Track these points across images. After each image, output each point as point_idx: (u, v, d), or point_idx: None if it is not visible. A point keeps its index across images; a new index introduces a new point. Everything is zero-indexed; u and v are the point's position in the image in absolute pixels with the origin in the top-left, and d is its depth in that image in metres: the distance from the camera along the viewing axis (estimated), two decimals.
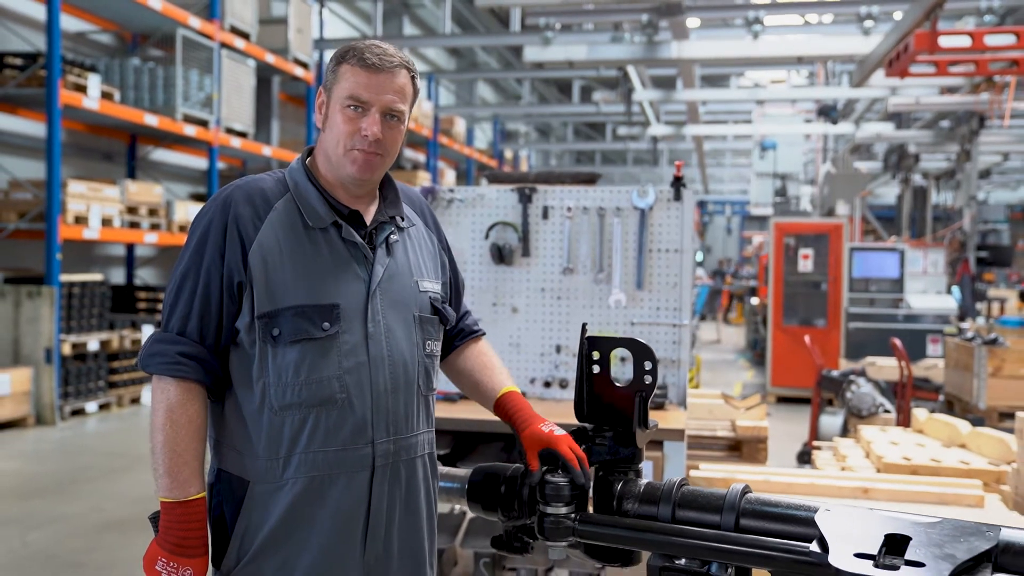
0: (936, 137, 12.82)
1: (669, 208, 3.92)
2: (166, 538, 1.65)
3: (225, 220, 1.71)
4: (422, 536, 1.88)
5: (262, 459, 1.72)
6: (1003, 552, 1.46)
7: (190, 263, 1.72)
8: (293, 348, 1.70)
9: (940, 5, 6.52)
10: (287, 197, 1.77)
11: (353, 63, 1.73)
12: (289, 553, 1.71)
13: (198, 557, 1.66)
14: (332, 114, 1.74)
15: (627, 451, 1.93)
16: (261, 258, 1.70)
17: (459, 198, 4.05)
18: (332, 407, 1.72)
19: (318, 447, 1.71)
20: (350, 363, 1.73)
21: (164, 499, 1.66)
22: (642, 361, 1.92)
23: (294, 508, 1.71)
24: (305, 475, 1.71)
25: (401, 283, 1.83)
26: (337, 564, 1.74)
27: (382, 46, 1.76)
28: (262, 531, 1.71)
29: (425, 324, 1.86)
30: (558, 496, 1.77)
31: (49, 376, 7.94)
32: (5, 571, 4.34)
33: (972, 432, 4.76)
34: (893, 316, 9.58)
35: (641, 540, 1.74)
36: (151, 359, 1.69)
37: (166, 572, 1.64)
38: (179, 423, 1.66)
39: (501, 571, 3.66)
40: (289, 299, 1.70)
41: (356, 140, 1.73)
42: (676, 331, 3.91)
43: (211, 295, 1.70)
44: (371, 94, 1.72)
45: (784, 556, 1.56)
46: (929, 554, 1.44)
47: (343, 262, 1.76)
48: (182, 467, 1.66)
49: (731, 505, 1.69)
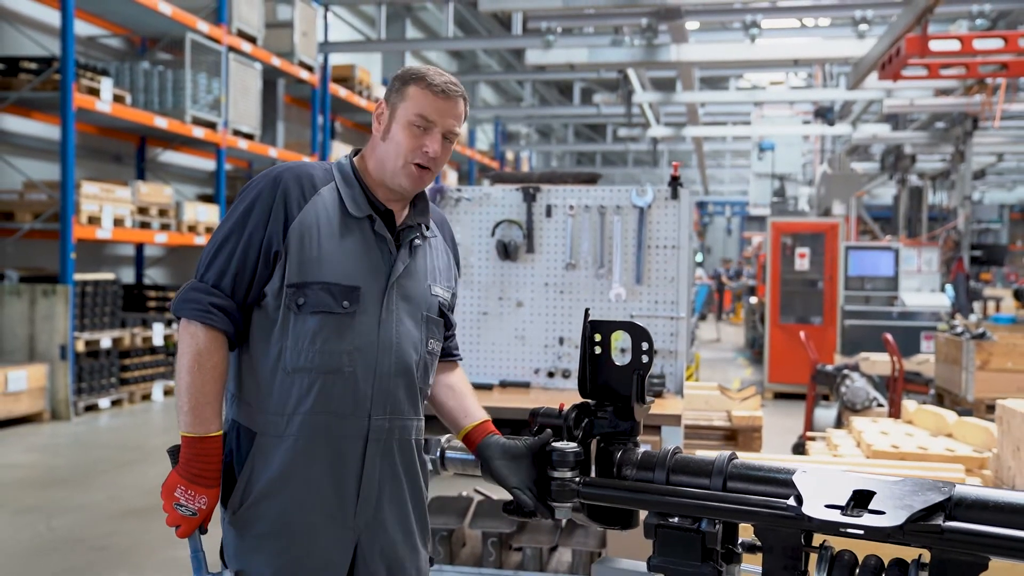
0: (931, 138, 13.02)
1: (667, 206, 4.12)
2: (187, 469, 1.84)
3: (274, 194, 1.90)
4: (409, 513, 2.04)
5: (270, 414, 1.91)
6: (956, 505, 1.66)
7: (235, 225, 1.91)
8: (313, 318, 1.89)
9: (931, 10, 6.71)
10: (331, 186, 1.97)
11: (423, 87, 1.93)
12: (286, 502, 1.90)
13: (212, 488, 1.86)
14: (396, 129, 1.93)
15: (626, 424, 2.12)
16: (300, 234, 1.89)
17: (466, 197, 4.25)
18: (339, 377, 1.91)
19: (320, 411, 1.90)
20: (361, 341, 1.92)
21: (186, 434, 1.85)
22: (639, 342, 2.11)
23: (293, 463, 1.90)
24: (306, 434, 1.90)
25: (416, 282, 2.02)
26: (329, 521, 1.92)
27: (446, 75, 1.98)
28: (263, 479, 1.90)
29: (431, 324, 2.05)
30: (564, 461, 1.97)
31: (64, 372, 8.14)
32: (35, 554, 4.54)
33: (958, 422, 4.96)
34: (888, 313, 9.78)
35: (639, 500, 1.94)
36: (185, 304, 1.87)
37: (184, 498, 1.83)
38: (205, 367, 1.85)
39: (508, 550, 3.86)
40: (318, 275, 1.89)
41: (417, 155, 1.93)
42: (673, 323, 4.11)
43: (248, 257, 1.88)
44: (437, 116, 1.93)
45: (765, 511, 1.76)
46: (890, 505, 1.64)
47: (370, 252, 1.96)
48: (204, 407, 1.85)
49: (719, 469, 1.89)
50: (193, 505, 1.84)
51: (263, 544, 1.92)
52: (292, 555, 1.92)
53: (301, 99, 13.81)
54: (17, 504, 5.43)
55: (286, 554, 1.92)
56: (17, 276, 8.54)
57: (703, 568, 1.85)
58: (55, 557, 4.48)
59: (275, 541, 1.92)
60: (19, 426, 7.71)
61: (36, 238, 8.94)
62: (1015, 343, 6.02)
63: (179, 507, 1.84)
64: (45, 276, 8.71)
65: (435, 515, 3.92)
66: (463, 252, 4.27)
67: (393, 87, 1.98)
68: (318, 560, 1.94)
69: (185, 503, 1.84)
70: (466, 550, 3.98)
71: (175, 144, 11.38)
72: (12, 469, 6.39)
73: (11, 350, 8.17)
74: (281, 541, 1.92)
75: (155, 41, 10.95)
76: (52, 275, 8.59)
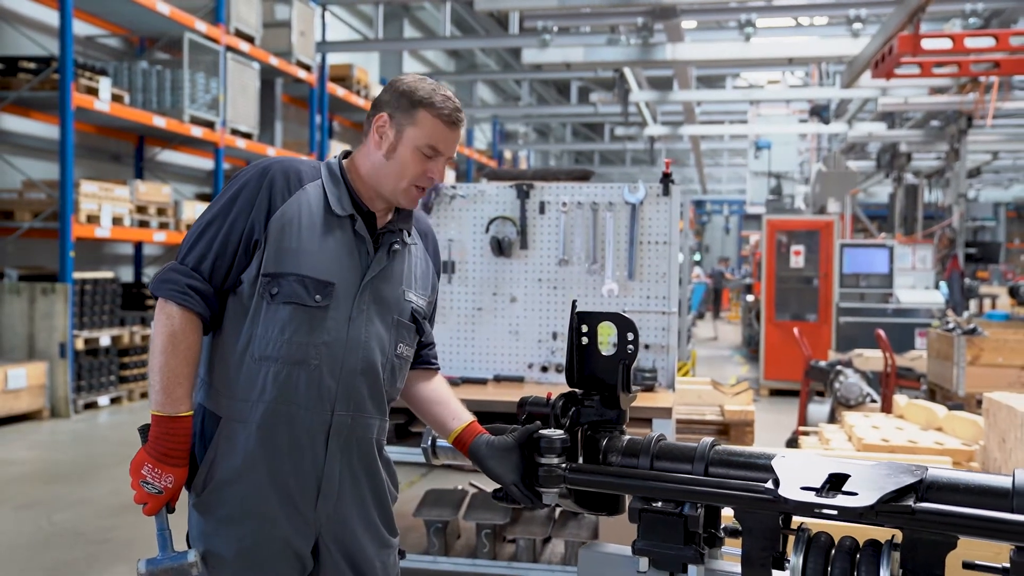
0: (926, 136, 13.08)
1: (658, 203, 4.18)
2: (155, 447, 1.88)
3: (260, 184, 1.96)
4: (371, 509, 2.07)
5: (235, 399, 1.95)
6: (928, 487, 1.72)
7: (219, 212, 1.95)
8: (285, 308, 1.93)
9: (923, 8, 6.76)
10: (318, 183, 2.02)
11: (434, 114, 1.96)
12: (248, 488, 1.94)
13: (180, 467, 1.89)
14: (403, 151, 1.97)
15: (612, 413, 2.18)
16: (280, 225, 1.94)
17: (461, 194, 4.31)
18: (304, 369, 1.94)
19: (284, 400, 1.94)
20: (330, 337, 1.96)
21: (156, 413, 1.88)
22: (625, 333, 2.17)
23: (256, 450, 1.93)
24: (269, 422, 1.94)
25: (390, 286, 2.06)
26: (289, 510, 1.96)
27: (453, 99, 2.00)
28: (226, 464, 1.94)
29: (401, 328, 2.09)
30: (551, 448, 2.03)
31: (63, 370, 8.19)
32: (36, 548, 4.60)
33: (948, 416, 5.02)
34: (882, 310, 9.83)
35: (623, 485, 2.00)
36: (163, 284, 1.91)
37: (151, 476, 1.86)
38: (179, 348, 1.88)
39: (501, 541, 3.92)
40: (293, 267, 1.94)
41: (422, 180, 1.99)
42: (665, 318, 4.17)
43: (229, 243, 1.93)
44: (446, 147, 1.99)
45: (744, 494, 1.82)
46: (864, 486, 1.70)
47: (348, 250, 2.00)
48: (176, 387, 1.88)
49: (701, 455, 1.95)
50: (159, 483, 1.86)
51: (224, 528, 1.95)
52: (252, 541, 1.96)
53: (299, 98, 13.86)
54: (19, 499, 5.49)
55: (247, 539, 1.95)
56: (17, 275, 8.60)
57: (685, 551, 1.91)
58: (56, 550, 4.54)
59: (236, 526, 1.95)
60: (19, 423, 7.77)
61: (35, 237, 8.99)
62: (1005, 339, 6.07)
63: (145, 484, 1.86)
64: (44, 275, 8.76)
65: (430, 507, 3.98)
66: (458, 248, 4.33)
67: (399, 104, 1.98)
68: (277, 547, 1.97)
69: (151, 481, 1.86)
70: (461, 542, 4.04)
71: (173, 143, 11.44)
72: (13, 465, 6.45)
73: (11, 348, 8.23)
74: (242, 526, 1.95)
75: (153, 41, 11.01)
76: (51, 274, 8.64)
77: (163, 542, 1.89)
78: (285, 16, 12.06)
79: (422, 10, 17.92)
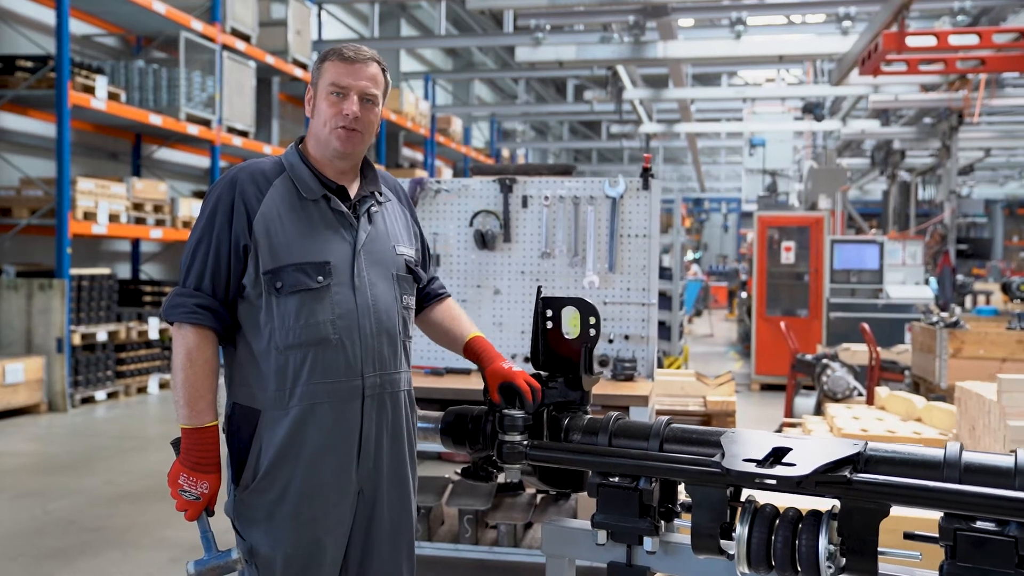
0: (918, 133, 13.17)
1: (638, 197, 4.27)
2: (187, 457, 2.03)
3: (232, 196, 2.09)
4: (406, 461, 2.23)
5: (271, 391, 2.08)
6: (867, 461, 1.82)
7: (203, 231, 2.09)
8: (293, 297, 2.07)
9: (907, 7, 6.86)
10: (284, 176, 2.15)
11: (334, 59, 2.13)
12: (295, 468, 2.07)
13: (212, 473, 2.04)
14: (318, 102, 2.13)
15: (576, 394, 2.28)
16: (264, 226, 2.07)
17: (445, 188, 4.40)
18: (327, 346, 2.08)
19: (317, 379, 2.08)
20: (341, 309, 2.10)
21: (184, 426, 2.04)
22: (587, 317, 2.27)
23: (298, 430, 2.07)
24: (307, 403, 2.07)
25: (381, 246, 2.20)
26: (334, 477, 2.10)
27: (356, 45, 2.16)
28: (271, 450, 2.07)
29: (402, 281, 2.24)
30: (513, 426, 2.13)
31: (60, 365, 8.29)
32: (32, 535, 4.70)
33: (927, 407, 5.12)
34: (873, 306, 9.92)
35: (582, 461, 2.09)
36: (173, 310, 2.06)
37: (187, 485, 2.02)
38: (196, 363, 2.03)
39: (483, 527, 4.01)
40: (289, 258, 2.07)
41: (339, 119, 2.11)
42: (645, 309, 4.25)
43: (221, 256, 2.07)
44: (350, 80, 2.11)
45: (692, 468, 1.91)
46: (803, 458, 1.80)
47: (332, 228, 2.13)
48: (198, 400, 2.03)
49: (656, 432, 2.05)
50: (195, 490, 2.02)
51: (280, 508, 2.08)
52: (306, 517, 2.08)
53: (296, 97, 13.95)
54: (15, 489, 5.59)
55: (301, 516, 2.08)
56: (14, 271, 8.69)
57: (641, 523, 2.01)
58: (50, 538, 4.63)
59: (292, 504, 2.08)
60: (17, 417, 7.86)
61: (33, 234, 9.09)
62: (986, 332, 6.17)
63: (183, 493, 2.02)
64: (42, 271, 8.85)
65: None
66: (442, 242, 4.42)
67: (313, 68, 2.17)
68: (331, 520, 2.10)
69: (188, 488, 2.02)
70: (444, 528, 4.13)
71: (170, 141, 11.52)
72: (10, 457, 6.54)
73: (8, 343, 8.32)
74: (297, 504, 2.08)
75: (150, 40, 11.09)
76: (49, 270, 8.73)
77: (207, 543, 2.04)
78: (281, 15, 12.14)
79: (419, 9, 17.99)
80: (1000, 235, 32.45)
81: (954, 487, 1.67)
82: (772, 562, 1.80)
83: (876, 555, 1.72)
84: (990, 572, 1.61)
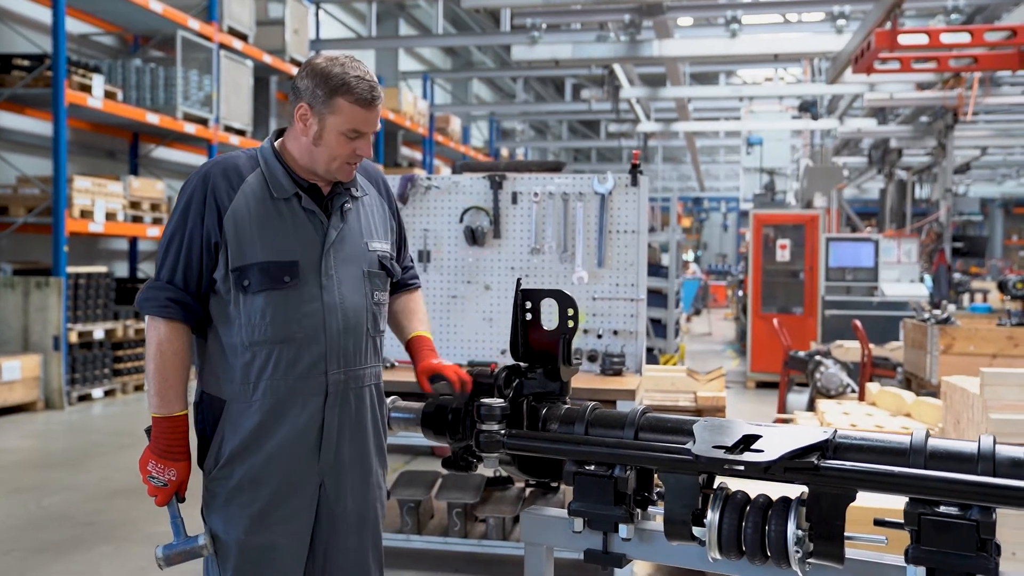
0: (915, 132, 13.19)
1: (627, 193, 4.30)
2: (157, 445, 2.09)
3: (204, 191, 2.11)
4: (369, 450, 2.27)
5: (237, 383, 2.12)
6: (836, 448, 1.84)
7: (176, 226, 2.12)
8: (260, 295, 2.10)
9: (899, 5, 6.88)
10: (257, 172, 2.16)
11: (352, 100, 2.06)
12: (254, 459, 2.12)
13: (181, 461, 2.09)
14: (329, 137, 2.09)
15: (554, 385, 2.31)
16: (234, 223, 2.10)
17: (436, 185, 4.43)
18: (292, 344, 2.12)
19: (281, 376, 2.12)
20: (308, 308, 2.13)
21: (155, 414, 2.09)
22: (565, 308, 2.30)
23: (261, 423, 2.11)
24: (270, 398, 2.12)
25: (352, 243, 2.22)
26: (295, 468, 2.14)
27: (366, 78, 2.09)
28: (233, 441, 2.12)
29: (373, 277, 2.26)
30: (491, 415, 2.15)
31: (57, 363, 8.32)
32: (26, 529, 4.74)
33: (916, 401, 5.15)
34: (867, 303, 9.95)
35: (558, 450, 2.12)
36: (146, 302, 2.11)
37: (156, 471, 2.08)
38: (166, 355, 2.08)
39: (472, 520, 4.04)
40: (256, 256, 2.10)
41: (352, 158, 2.14)
42: (633, 305, 4.29)
43: (192, 252, 2.10)
44: (368, 127, 2.12)
45: (664, 456, 1.94)
46: (772, 445, 1.83)
47: (302, 226, 2.15)
48: (168, 390, 2.08)
49: (631, 421, 2.08)
50: (164, 476, 2.08)
51: (236, 497, 2.13)
52: (260, 507, 2.12)
53: None
54: (11, 485, 5.62)
55: (258, 503, 2.12)
56: (11, 269, 8.72)
57: (616, 511, 2.04)
58: (45, 532, 4.67)
59: (247, 493, 2.12)
60: (14, 415, 7.90)
61: (30, 232, 9.13)
62: (976, 328, 6.19)
63: (152, 479, 2.08)
64: (39, 269, 8.89)
65: (404, 488, 4.11)
66: (433, 238, 4.45)
67: (316, 93, 2.07)
68: (288, 510, 2.14)
69: (157, 475, 2.08)
70: (434, 521, 4.16)
71: (167, 140, 11.56)
72: (7, 453, 6.58)
73: (5, 341, 8.36)
74: (252, 493, 2.12)
75: (147, 39, 11.13)
76: (45, 268, 8.77)
77: (176, 529, 2.10)
78: (278, 14, 12.18)
79: (417, 7, 18.02)
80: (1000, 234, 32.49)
81: (918, 472, 1.70)
82: (743, 547, 1.83)
83: (843, 540, 1.75)
84: (953, 555, 1.64)
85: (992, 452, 1.69)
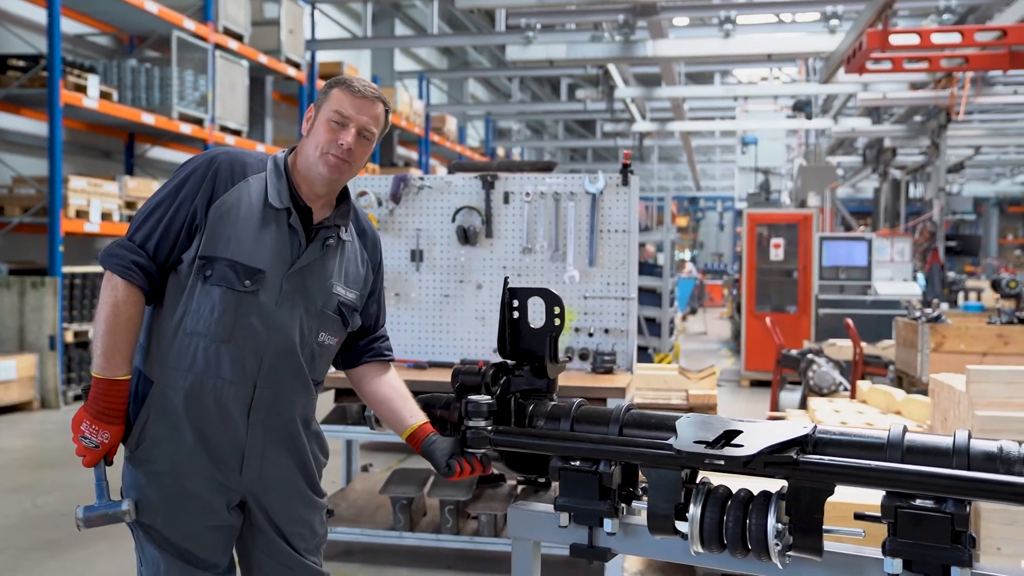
0: (908, 131, 13.24)
1: (618, 193, 4.33)
2: (93, 405, 2.06)
3: (206, 172, 2.13)
4: (298, 481, 2.26)
5: (167, 368, 2.12)
6: (816, 443, 1.88)
7: (167, 195, 2.13)
8: (216, 289, 2.10)
9: (890, 5, 6.92)
10: (261, 175, 2.19)
11: (343, 88, 2.15)
12: (176, 448, 2.12)
13: (116, 425, 2.08)
14: (317, 125, 2.15)
15: (541, 382, 2.34)
16: (219, 213, 2.11)
17: (428, 185, 4.47)
18: (231, 347, 2.12)
19: (211, 374, 2.11)
20: (256, 319, 2.13)
21: (97, 375, 2.07)
22: (552, 307, 2.33)
23: (184, 415, 2.12)
24: (196, 392, 2.11)
25: (317, 278, 2.21)
26: (215, 471, 2.15)
27: (367, 81, 2.20)
28: (157, 425, 2.12)
29: (324, 319, 2.24)
30: (478, 412, 2.18)
31: (53, 362, 8.34)
32: (21, 527, 4.77)
33: (906, 399, 5.19)
34: (861, 302, 9.98)
35: (544, 446, 2.16)
36: (110, 258, 2.09)
37: (89, 432, 2.06)
38: (120, 319, 2.06)
39: (464, 517, 4.07)
40: (227, 252, 2.11)
41: (333, 147, 2.14)
42: (624, 304, 4.32)
43: (173, 225, 2.11)
44: (353, 112, 2.14)
45: (647, 451, 1.98)
46: (752, 440, 1.86)
47: (281, 241, 2.16)
48: (115, 353, 2.06)
49: (616, 418, 2.11)
50: (96, 438, 2.06)
51: (155, 480, 2.13)
52: (179, 494, 2.13)
53: (289, 96, 14.00)
54: (6, 483, 5.65)
55: (175, 491, 2.13)
56: (7, 268, 8.74)
57: (601, 505, 2.07)
58: (40, 531, 4.69)
59: (165, 480, 2.13)
60: (9, 414, 7.92)
61: (25, 232, 9.15)
62: (967, 326, 6.23)
63: (84, 439, 2.06)
64: (34, 269, 8.90)
65: (396, 485, 4.14)
66: (426, 237, 4.48)
67: (320, 91, 2.21)
68: (202, 501, 2.15)
69: (89, 436, 2.06)
70: (426, 519, 4.19)
71: (163, 140, 11.58)
72: (2, 452, 6.60)
73: (1, 340, 8.37)
74: (170, 481, 2.13)
75: (143, 39, 11.14)
76: (41, 268, 8.78)
77: (100, 491, 2.09)
78: (274, 14, 12.19)
79: (413, 8, 18.04)
80: (995, 233, 32.59)
81: (894, 466, 1.74)
82: (724, 541, 1.87)
83: (821, 533, 1.78)
84: (928, 547, 1.68)
85: (967, 446, 1.73)
